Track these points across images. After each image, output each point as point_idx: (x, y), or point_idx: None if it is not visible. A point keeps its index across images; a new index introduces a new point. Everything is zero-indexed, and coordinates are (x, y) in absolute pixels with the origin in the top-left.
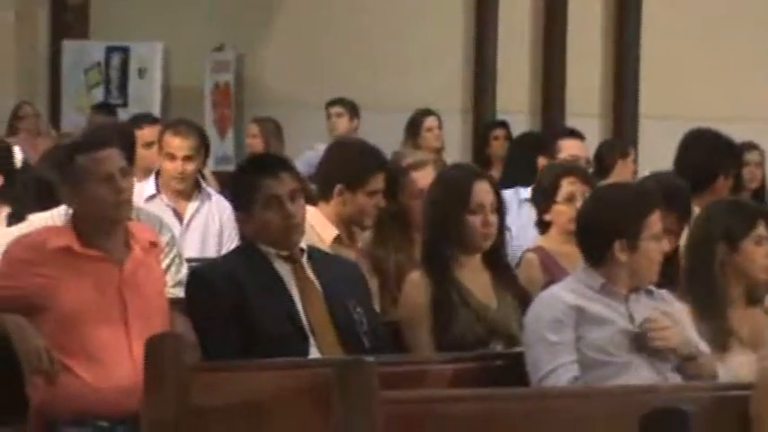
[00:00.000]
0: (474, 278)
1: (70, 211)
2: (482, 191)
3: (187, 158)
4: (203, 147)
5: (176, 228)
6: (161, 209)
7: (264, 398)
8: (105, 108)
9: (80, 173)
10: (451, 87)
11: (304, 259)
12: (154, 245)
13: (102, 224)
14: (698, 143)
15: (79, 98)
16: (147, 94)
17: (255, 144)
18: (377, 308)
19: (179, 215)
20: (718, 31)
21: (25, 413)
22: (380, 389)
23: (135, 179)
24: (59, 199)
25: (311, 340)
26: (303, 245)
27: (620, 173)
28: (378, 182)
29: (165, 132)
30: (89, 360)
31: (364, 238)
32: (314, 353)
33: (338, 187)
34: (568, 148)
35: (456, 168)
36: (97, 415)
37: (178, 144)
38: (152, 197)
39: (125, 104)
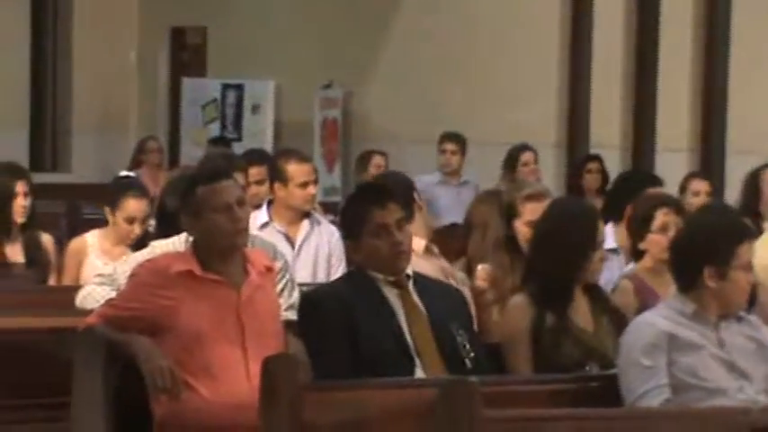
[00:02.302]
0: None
1: (190, 238)
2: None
3: (314, 182)
4: None
5: (288, 252)
6: (273, 235)
7: (372, 416)
8: (221, 141)
9: (200, 202)
10: (547, 122)
11: (410, 284)
12: (269, 269)
13: (221, 251)
14: None
15: (197, 133)
16: (259, 129)
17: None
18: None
19: (290, 240)
20: None
21: (149, 428)
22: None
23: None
24: (180, 226)
25: (417, 362)
26: (409, 271)
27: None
28: None
29: (289, 161)
30: (209, 378)
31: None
32: (419, 374)
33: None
34: None
35: (576, 202)
36: (216, 429)
37: (307, 170)
38: (265, 225)
39: (239, 139)
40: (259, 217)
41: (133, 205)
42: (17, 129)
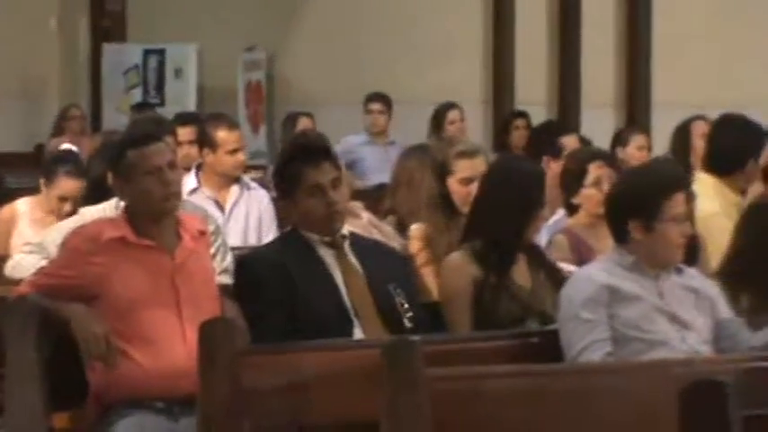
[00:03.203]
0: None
1: (121, 203)
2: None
3: (243, 149)
4: None
5: (218, 218)
6: (203, 201)
7: (313, 379)
8: (145, 107)
9: (130, 167)
10: (472, 80)
11: (346, 245)
12: (202, 233)
13: (153, 215)
14: (728, 128)
15: (119, 99)
16: (182, 94)
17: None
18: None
19: (220, 206)
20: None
21: (84, 397)
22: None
23: None
24: (108, 192)
25: (355, 323)
26: (345, 231)
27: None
28: None
29: (219, 128)
30: (144, 345)
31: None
32: (358, 335)
33: None
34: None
35: (523, 163)
36: (153, 397)
37: (237, 137)
38: (194, 190)
39: (162, 104)
40: (188, 183)
41: (66, 184)
42: None
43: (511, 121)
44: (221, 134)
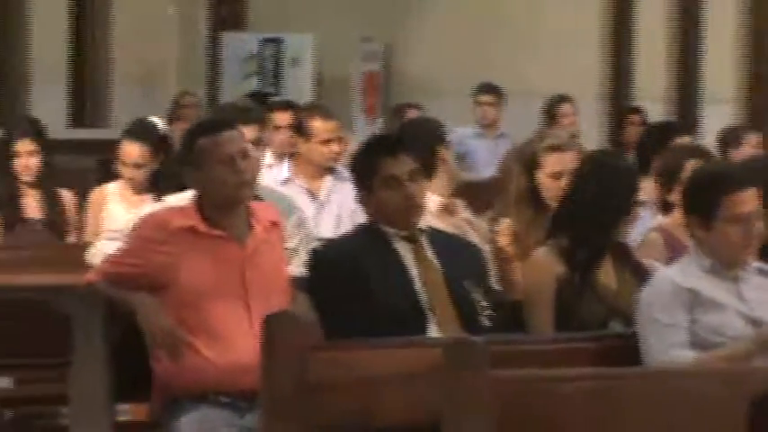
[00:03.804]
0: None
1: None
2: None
3: (338, 140)
4: None
5: (310, 209)
6: (296, 191)
7: (377, 376)
8: (258, 96)
9: (201, 155)
10: (589, 73)
11: (423, 239)
12: (275, 224)
13: (224, 205)
14: None
15: (237, 88)
16: (299, 84)
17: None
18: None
19: (314, 196)
20: None
21: (149, 389)
22: (493, 368)
23: (270, 161)
24: None
25: (430, 318)
26: (422, 225)
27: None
28: None
29: (314, 117)
30: (210, 337)
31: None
32: (433, 331)
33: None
34: None
35: (616, 159)
36: (218, 391)
37: (331, 127)
38: (287, 180)
39: (278, 93)
40: (281, 172)
41: (125, 148)
42: (56, 84)
43: (625, 116)
44: (316, 124)
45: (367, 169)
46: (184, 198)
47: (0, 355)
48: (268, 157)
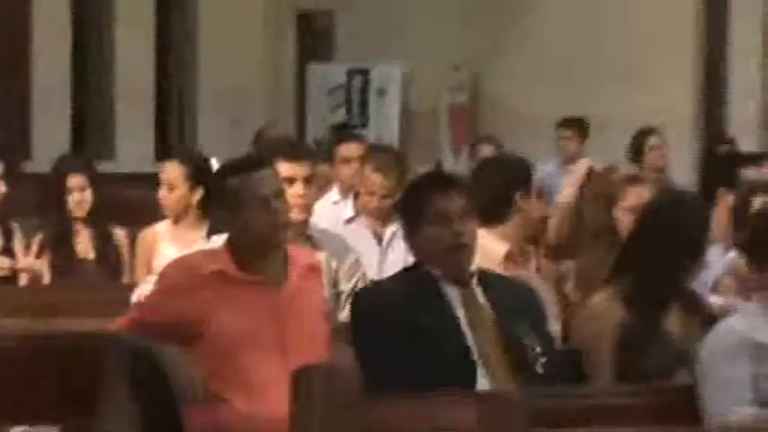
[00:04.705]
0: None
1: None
2: None
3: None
4: None
5: (374, 251)
6: (359, 231)
7: None
8: (343, 128)
9: (233, 195)
10: (680, 103)
11: (474, 282)
12: (313, 269)
13: (259, 248)
14: None
15: (323, 119)
16: (386, 115)
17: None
18: None
19: (379, 237)
20: None
21: None
22: (539, 425)
23: (337, 197)
24: None
25: (480, 367)
26: (473, 267)
27: None
28: None
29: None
30: (244, 390)
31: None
32: (483, 382)
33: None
34: None
35: (689, 198)
36: None
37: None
38: (351, 219)
39: (365, 125)
40: (345, 210)
41: (164, 166)
42: (142, 113)
43: (715, 147)
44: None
45: (415, 205)
46: None
47: (47, 404)
48: (334, 193)
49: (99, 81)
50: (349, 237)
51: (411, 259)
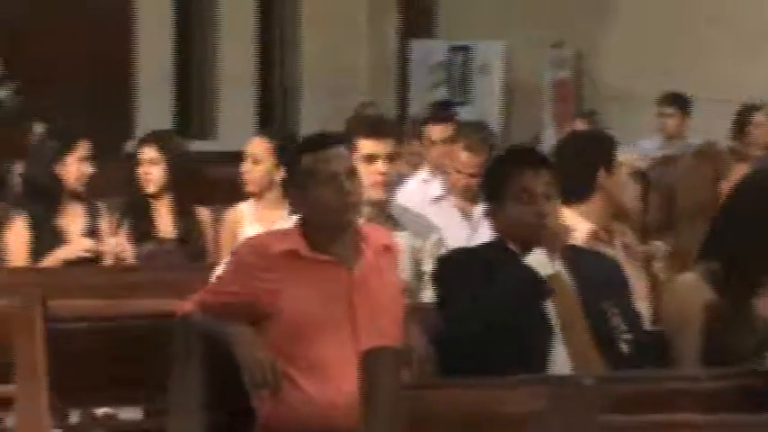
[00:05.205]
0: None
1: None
2: None
3: None
4: None
5: (464, 229)
6: (448, 210)
7: (480, 416)
8: (443, 105)
9: (305, 173)
10: None
11: (557, 256)
12: (388, 248)
13: (329, 228)
14: None
15: (425, 96)
16: (487, 92)
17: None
18: None
19: (467, 215)
20: None
21: (252, 426)
22: (615, 410)
23: (426, 176)
24: None
25: (558, 336)
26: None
27: None
28: None
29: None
30: (314, 372)
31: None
32: (561, 352)
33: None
34: None
35: None
36: (322, 430)
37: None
38: (439, 198)
39: (467, 102)
40: (432, 189)
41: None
42: (245, 89)
43: None
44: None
45: (499, 179)
46: None
47: (131, 386)
48: (424, 172)
49: (202, 62)
50: (437, 216)
51: None
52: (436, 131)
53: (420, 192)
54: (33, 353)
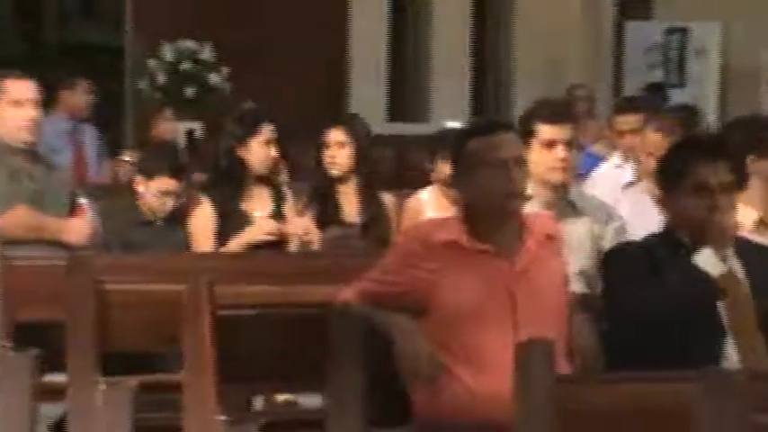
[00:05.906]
0: None
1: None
2: None
3: None
4: None
5: (655, 216)
6: (639, 196)
7: (631, 411)
8: (658, 88)
9: (471, 157)
10: None
11: (730, 251)
12: (551, 238)
13: (491, 216)
14: None
15: (640, 79)
16: (704, 75)
17: None
18: None
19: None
20: None
21: (408, 417)
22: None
23: (618, 161)
24: None
25: (729, 337)
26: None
27: None
28: None
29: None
30: (472, 364)
31: None
32: (731, 352)
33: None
34: None
35: None
36: (480, 424)
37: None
38: (630, 184)
39: (682, 85)
40: (623, 175)
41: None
42: (458, 81)
43: None
44: None
45: (677, 169)
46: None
47: (311, 372)
48: (616, 157)
49: (417, 50)
50: (629, 202)
51: None
52: (623, 122)
53: (612, 177)
54: (200, 339)
